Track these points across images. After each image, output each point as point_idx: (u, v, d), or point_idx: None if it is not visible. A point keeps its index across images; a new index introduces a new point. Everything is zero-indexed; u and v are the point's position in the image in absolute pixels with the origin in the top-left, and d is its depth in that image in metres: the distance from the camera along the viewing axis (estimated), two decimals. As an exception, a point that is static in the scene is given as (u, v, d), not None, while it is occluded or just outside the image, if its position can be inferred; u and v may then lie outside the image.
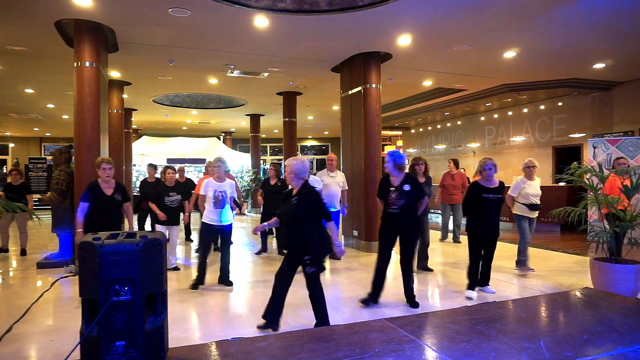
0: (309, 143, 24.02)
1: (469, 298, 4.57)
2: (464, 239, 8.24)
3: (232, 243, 5.53)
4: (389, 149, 20.48)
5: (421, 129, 17.96)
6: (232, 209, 5.35)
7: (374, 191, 7.29)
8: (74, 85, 6.07)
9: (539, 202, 5.64)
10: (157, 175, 7.74)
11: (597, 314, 3.36)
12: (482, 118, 14.75)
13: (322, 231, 3.51)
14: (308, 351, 2.89)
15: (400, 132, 19.45)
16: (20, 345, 3.38)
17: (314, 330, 3.43)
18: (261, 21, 6.05)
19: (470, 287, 4.72)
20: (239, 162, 17.18)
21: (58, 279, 4.70)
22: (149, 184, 7.48)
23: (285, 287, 3.67)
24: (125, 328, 2.30)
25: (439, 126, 16.91)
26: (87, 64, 6.02)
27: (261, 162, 16.13)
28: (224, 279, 5.19)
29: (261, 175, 14.67)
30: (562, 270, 5.87)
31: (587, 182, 4.91)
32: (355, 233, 7.77)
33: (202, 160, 16.04)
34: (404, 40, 6.94)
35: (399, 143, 19.97)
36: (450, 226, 8.33)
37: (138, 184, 9.45)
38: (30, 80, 9.53)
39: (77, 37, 6.03)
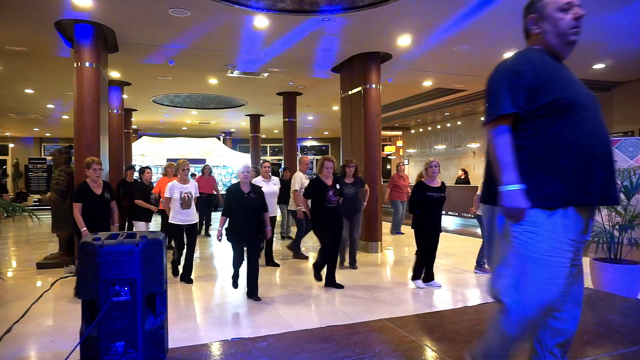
0: (309, 143, 24.01)
1: (420, 287, 5.01)
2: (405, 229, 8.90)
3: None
4: (389, 149, 20.50)
5: (421, 129, 17.96)
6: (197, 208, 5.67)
7: (374, 192, 7.32)
8: (74, 86, 6.07)
9: None
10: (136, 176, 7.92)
11: (597, 315, 3.35)
12: (482, 118, 14.70)
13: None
14: (308, 351, 2.89)
15: (400, 132, 19.45)
16: (20, 345, 3.38)
17: (314, 330, 3.43)
18: (261, 21, 6.06)
19: (416, 277, 5.10)
20: (239, 163, 17.18)
21: (58, 280, 4.70)
22: (128, 184, 7.56)
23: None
24: (125, 328, 2.30)
25: (439, 126, 16.91)
26: (87, 64, 6.02)
27: (261, 162, 16.11)
28: (187, 277, 5.34)
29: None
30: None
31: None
32: (355, 233, 7.77)
33: (202, 161, 16.05)
34: (404, 40, 6.94)
35: (399, 143, 19.97)
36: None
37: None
38: (30, 80, 9.53)
39: (77, 37, 6.02)
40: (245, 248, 4.60)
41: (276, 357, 2.71)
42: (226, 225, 4.63)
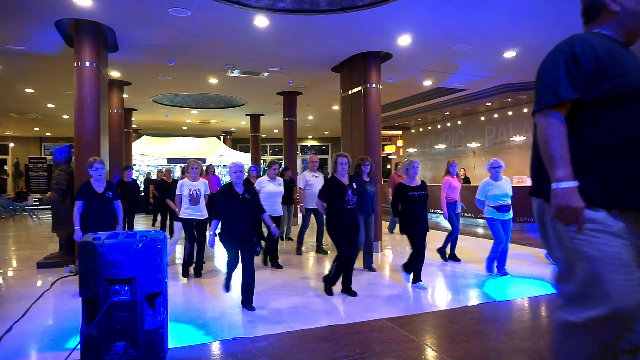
0: (309, 143, 24.02)
1: (405, 282, 5.04)
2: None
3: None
4: (389, 148, 20.50)
5: (421, 129, 17.96)
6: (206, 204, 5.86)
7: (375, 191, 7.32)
8: (74, 85, 6.08)
9: (508, 202, 5.42)
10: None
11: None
12: (482, 118, 14.75)
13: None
14: (308, 351, 2.89)
15: (400, 132, 19.45)
16: (21, 344, 3.38)
17: (314, 330, 3.44)
18: (261, 21, 6.06)
19: (407, 271, 5.05)
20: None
21: (58, 279, 4.69)
22: (125, 183, 7.64)
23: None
24: (125, 328, 2.31)
25: (439, 126, 16.92)
26: (87, 64, 6.02)
27: (261, 162, 16.13)
28: (197, 270, 5.60)
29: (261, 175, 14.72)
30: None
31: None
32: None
33: (202, 160, 16.06)
34: (404, 40, 6.94)
35: (399, 143, 19.97)
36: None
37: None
38: (30, 80, 9.53)
39: (77, 37, 6.04)
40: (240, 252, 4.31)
41: (276, 356, 2.71)
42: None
